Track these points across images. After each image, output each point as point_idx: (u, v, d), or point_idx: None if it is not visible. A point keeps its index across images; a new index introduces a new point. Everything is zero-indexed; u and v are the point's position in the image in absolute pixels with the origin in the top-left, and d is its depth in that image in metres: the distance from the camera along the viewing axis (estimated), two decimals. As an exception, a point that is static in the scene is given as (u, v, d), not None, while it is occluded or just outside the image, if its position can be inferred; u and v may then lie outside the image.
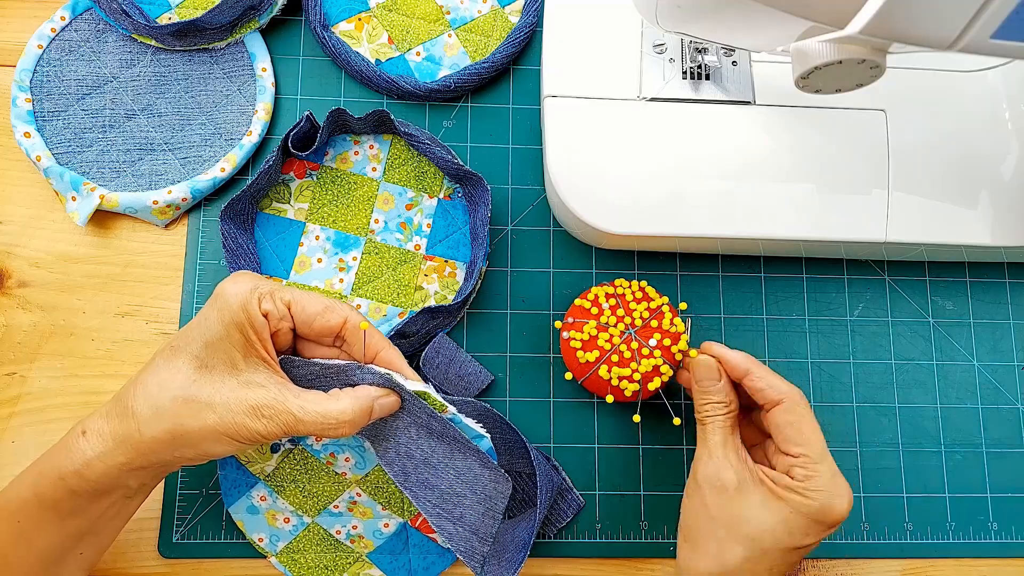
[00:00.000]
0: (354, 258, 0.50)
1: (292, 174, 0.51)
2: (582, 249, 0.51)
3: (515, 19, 0.54)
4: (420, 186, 0.51)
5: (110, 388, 0.48)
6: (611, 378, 0.44)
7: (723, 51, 0.48)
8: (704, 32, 0.40)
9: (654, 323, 0.45)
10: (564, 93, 0.47)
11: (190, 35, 0.50)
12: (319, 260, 0.50)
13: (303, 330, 0.40)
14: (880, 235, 0.46)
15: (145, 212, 0.49)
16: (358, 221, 0.50)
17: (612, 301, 0.45)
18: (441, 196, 0.51)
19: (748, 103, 0.47)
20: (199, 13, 0.51)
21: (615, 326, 0.44)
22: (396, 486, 0.45)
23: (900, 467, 0.50)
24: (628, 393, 0.44)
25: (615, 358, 0.44)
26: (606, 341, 0.44)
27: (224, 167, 0.50)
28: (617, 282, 0.46)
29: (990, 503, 0.50)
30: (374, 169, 0.51)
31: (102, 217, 0.50)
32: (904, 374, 0.51)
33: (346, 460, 0.47)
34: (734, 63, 0.48)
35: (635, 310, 0.45)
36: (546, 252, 0.51)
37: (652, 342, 0.44)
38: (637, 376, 0.44)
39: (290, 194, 0.50)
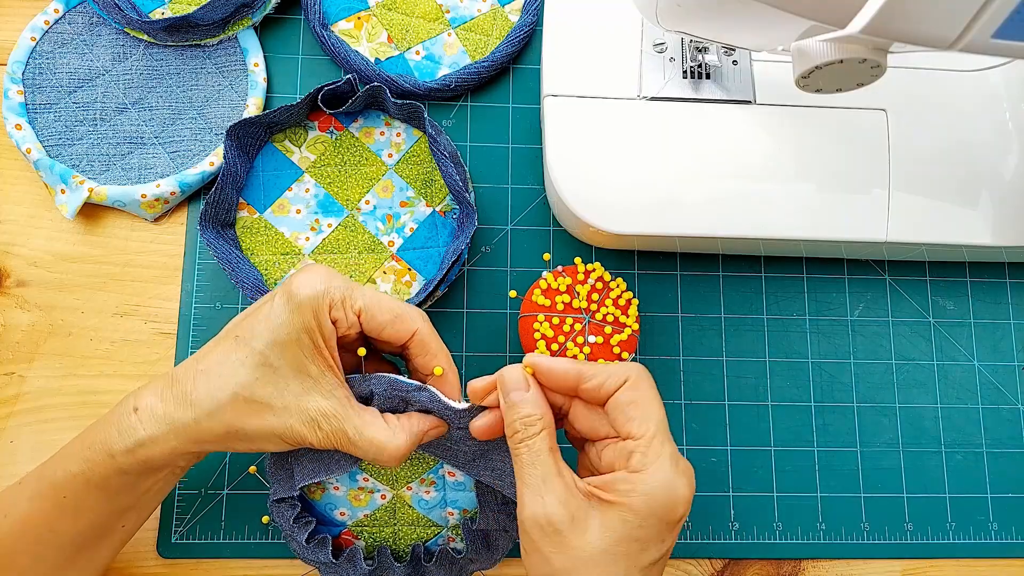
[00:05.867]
0: (329, 224, 0.50)
1: (316, 124, 0.51)
2: (582, 249, 0.51)
3: (515, 18, 0.54)
4: (423, 191, 0.51)
5: (108, 388, 0.48)
6: (536, 330, 0.45)
7: (723, 50, 0.48)
8: (704, 31, 0.40)
9: (608, 330, 0.45)
10: (564, 92, 0.47)
11: (182, 31, 0.50)
12: (298, 211, 0.50)
13: (371, 336, 0.38)
14: (880, 235, 0.46)
15: (134, 206, 0.49)
16: (351, 194, 0.50)
17: (599, 285, 0.46)
18: (437, 209, 0.51)
19: (748, 102, 0.47)
20: (192, 9, 0.50)
21: (581, 300, 0.46)
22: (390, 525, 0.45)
23: (900, 467, 0.50)
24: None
25: (555, 320, 0.45)
26: (563, 303, 0.45)
27: (213, 161, 0.50)
28: (619, 280, 0.47)
29: (990, 503, 0.50)
30: (390, 155, 0.51)
31: (100, 216, 0.50)
32: (904, 374, 0.51)
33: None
34: (735, 62, 0.48)
35: (608, 309, 0.46)
36: (546, 252, 0.51)
37: (592, 339, 0.45)
38: (555, 347, 0.44)
39: (305, 140, 0.51)
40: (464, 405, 0.38)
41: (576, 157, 0.46)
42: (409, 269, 0.50)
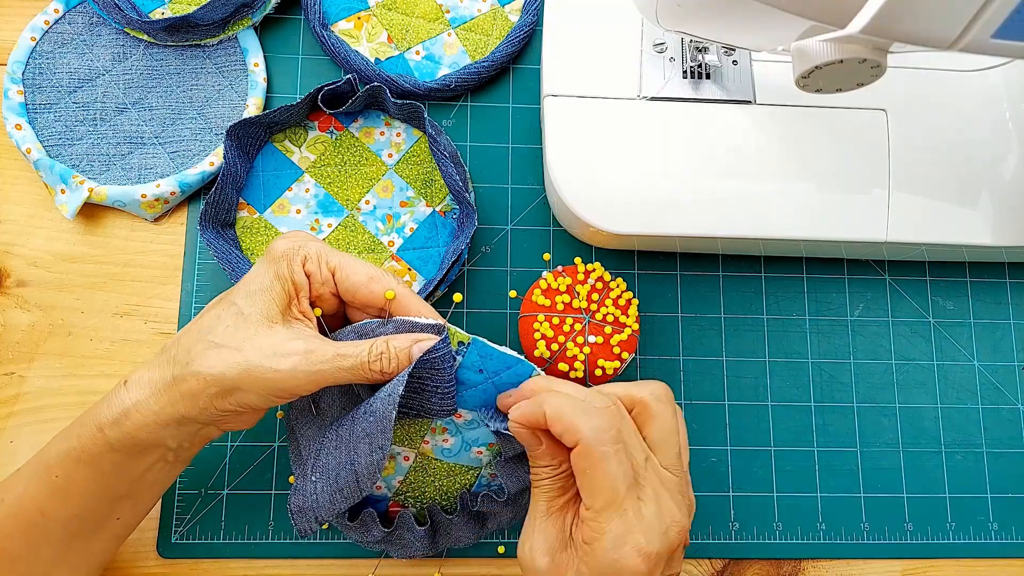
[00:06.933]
0: (329, 225, 0.50)
1: (316, 124, 0.51)
2: (582, 249, 0.51)
3: (515, 18, 0.54)
4: (423, 191, 0.51)
5: (108, 388, 0.47)
6: (536, 330, 0.44)
7: (723, 50, 0.48)
8: (704, 31, 0.40)
9: (608, 330, 0.45)
10: (564, 92, 0.47)
11: (182, 31, 0.50)
12: (298, 211, 0.50)
13: (347, 298, 0.39)
14: (880, 235, 0.46)
15: (134, 206, 0.49)
16: (351, 194, 0.50)
17: (599, 284, 0.46)
18: (437, 209, 0.51)
19: (749, 102, 0.47)
20: (192, 9, 0.50)
21: (581, 299, 0.45)
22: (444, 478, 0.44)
23: (900, 467, 0.50)
24: (537, 353, 0.44)
25: (555, 319, 0.45)
26: (563, 303, 0.45)
27: (213, 161, 0.50)
28: (619, 280, 0.46)
29: (990, 503, 0.50)
30: (390, 155, 0.51)
31: (100, 216, 0.50)
32: (904, 374, 0.51)
33: (445, 440, 0.43)
34: (734, 62, 0.48)
35: (608, 310, 0.46)
36: (546, 252, 0.51)
37: (591, 339, 0.45)
38: (555, 347, 0.44)
39: (305, 140, 0.51)
40: (431, 320, 0.38)
41: (576, 157, 0.46)
42: (409, 269, 0.50)
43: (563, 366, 0.45)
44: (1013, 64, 0.48)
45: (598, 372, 0.44)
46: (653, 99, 0.47)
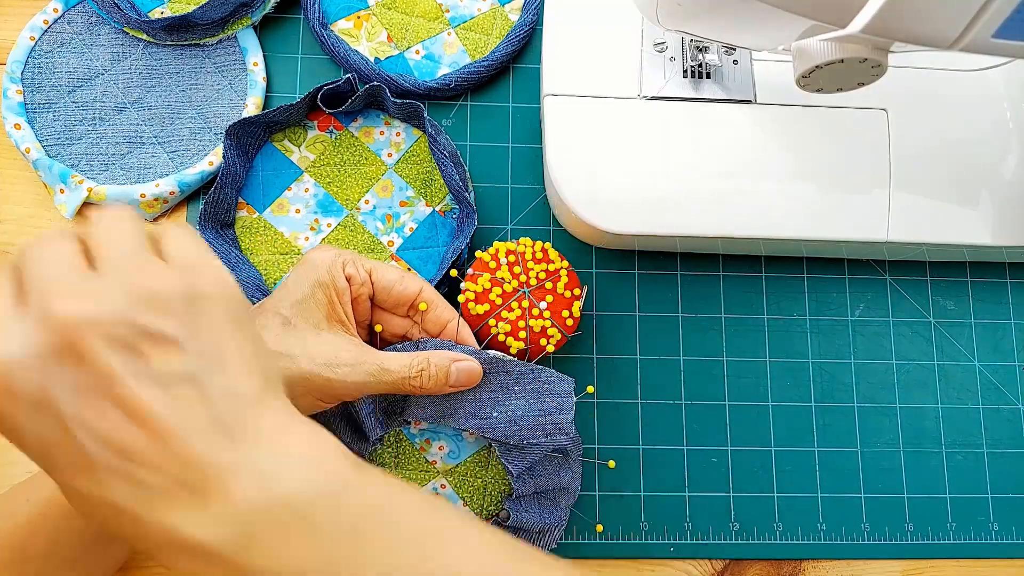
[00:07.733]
0: (329, 224, 0.50)
1: (316, 123, 0.51)
2: (582, 249, 0.51)
3: (515, 17, 0.54)
4: (423, 191, 0.51)
5: (108, 388, 0.48)
6: (497, 333, 0.44)
7: (724, 50, 0.48)
8: (705, 31, 0.40)
9: (549, 285, 0.45)
10: (564, 92, 0.47)
11: (181, 30, 0.50)
12: (297, 211, 0.50)
13: (381, 297, 0.42)
14: (881, 235, 0.46)
15: (133, 205, 0.49)
16: (350, 194, 0.50)
17: (511, 258, 0.46)
18: (437, 208, 0.51)
19: (749, 102, 0.47)
20: (191, 8, 0.50)
21: (509, 283, 0.45)
22: (479, 477, 0.46)
23: (901, 467, 0.50)
24: (513, 352, 0.44)
25: (505, 314, 0.45)
26: (498, 296, 0.45)
27: (212, 161, 0.49)
28: (521, 240, 0.46)
29: (991, 503, 0.50)
30: (390, 155, 0.51)
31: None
32: (905, 374, 0.51)
33: (440, 448, 0.46)
34: (735, 62, 0.48)
35: (532, 270, 0.45)
36: (546, 251, 0.51)
37: (543, 304, 0.44)
38: (523, 334, 0.44)
39: (304, 140, 0.51)
40: (477, 350, 0.41)
41: (576, 157, 0.46)
42: (409, 269, 0.50)
43: (537, 328, 0.45)
44: (1013, 64, 0.48)
45: (569, 322, 0.45)
46: (653, 99, 0.47)
